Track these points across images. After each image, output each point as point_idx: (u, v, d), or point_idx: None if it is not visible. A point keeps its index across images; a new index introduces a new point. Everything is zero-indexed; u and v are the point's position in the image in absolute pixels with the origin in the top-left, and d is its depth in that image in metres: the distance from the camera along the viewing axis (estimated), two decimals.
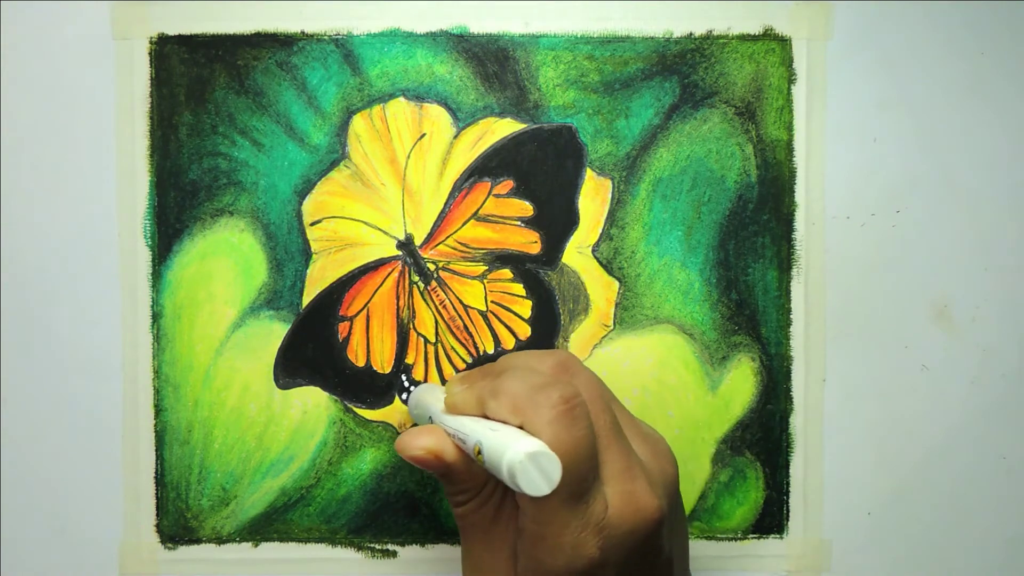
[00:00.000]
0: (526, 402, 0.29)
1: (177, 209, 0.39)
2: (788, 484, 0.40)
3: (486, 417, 0.31)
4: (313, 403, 0.39)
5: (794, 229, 0.40)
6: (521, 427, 0.29)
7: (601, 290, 0.39)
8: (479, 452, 0.28)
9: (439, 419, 0.33)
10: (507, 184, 0.39)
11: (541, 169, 0.39)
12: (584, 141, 0.39)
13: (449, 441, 0.31)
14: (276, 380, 0.39)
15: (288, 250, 0.39)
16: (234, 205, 0.39)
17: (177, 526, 0.39)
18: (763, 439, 0.40)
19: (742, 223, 0.39)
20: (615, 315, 0.39)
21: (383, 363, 0.39)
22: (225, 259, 0.39)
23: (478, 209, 0.39)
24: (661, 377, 0.39)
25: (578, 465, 0.28)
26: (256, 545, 0.39)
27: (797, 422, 0.40)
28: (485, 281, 0.40)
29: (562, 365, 0.32)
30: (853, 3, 0.39)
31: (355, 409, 0.39)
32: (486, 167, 0.39)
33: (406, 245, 0.39)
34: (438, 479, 0.32)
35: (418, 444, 0.31)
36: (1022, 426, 0.40)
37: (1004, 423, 0.40)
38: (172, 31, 0.39)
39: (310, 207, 0.39)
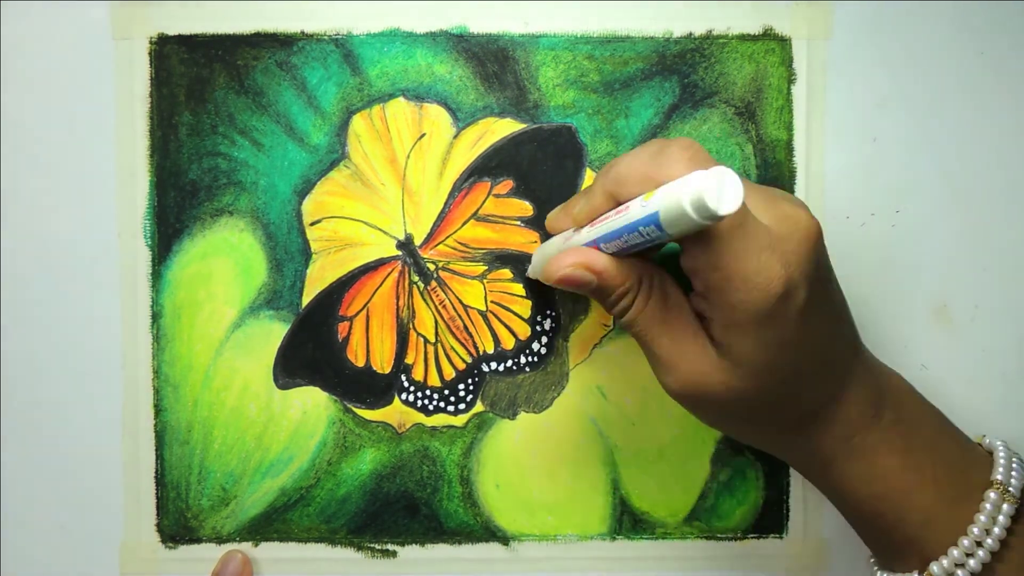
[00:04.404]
0: (653, 167, 0.29)
1: (177, 209, 0.39)
2: (788, 484, 0.40)
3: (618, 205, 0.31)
4: (313, 403, 0.39)
5: None
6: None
7: None
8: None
9: (576, 239, 0.33)
10: (507, 184, 0.39)
11: (541, 169, 0.39)
12: (584, 141, 0.39)
13: (591, 250, 0.31)
14: (276, 380, 0.39)
15: (288, 250, 0.39)
16: (234, 205, 0.39)
17: (177, 525, 0.39)
18: None
19: None
20: None
21: (383, 363, 0.39)
22: (225, 259, 0.39)
23: (478, 209, 0.39)
24: None
25: None
26: (256, 545, 0.40)
27: None
28: (485, 281, 0.40)
29: (657, 139, 0.32)
30: (853, 3, 0.39)
31: (355, 409, 0.39)
32: (486, 167, 0.39)
33: (406, 245, 0.39)
34: (593, 296, 0.32)
35: (566, 263, 0.31)
36: (1022, 426, 0.40)
37: (1004, 423, 0.40)
38: (172, 31, 0.39)
39: (310, 207, 0.39)
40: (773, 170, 0.39)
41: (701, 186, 0.26)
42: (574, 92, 0.39)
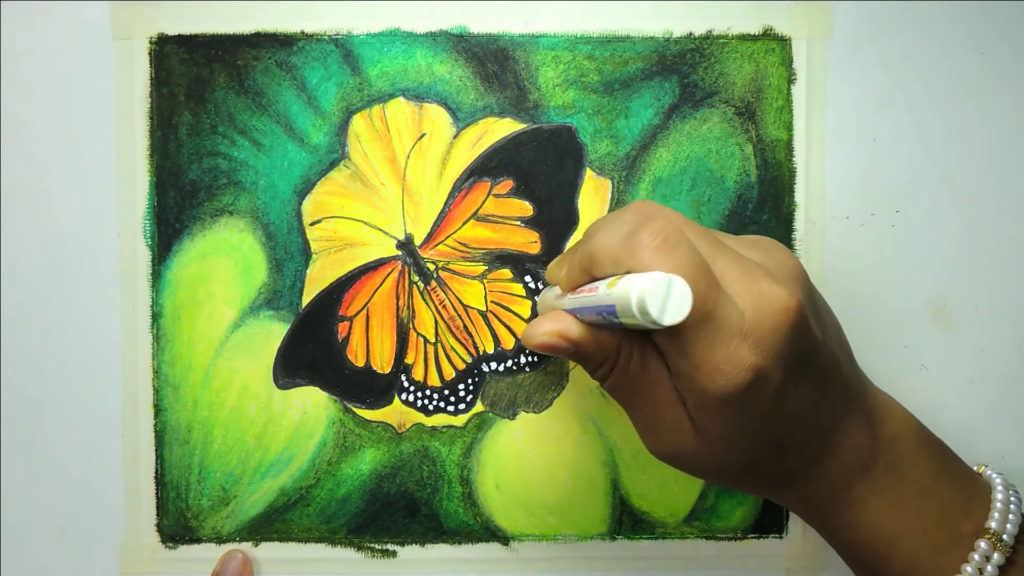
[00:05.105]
0: (622, 252, 0.29)
1: (177, 209, 0.39)
2: None
3: (594, 280, 0.31)
4: (313, 403, 0.39)
5: (794, 229, 0.40)
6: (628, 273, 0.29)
7: None
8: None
9: (560, 305, 0.33)
10: (507, 184, 0.39)
11: (541, 169, 0.39)
12: (584, 141, 0.39)
13: (569, 318, 0.31)
14: (275, 380, 0.39)
15: (288, 250, 0.39)
16: (234, 205, 0.39)
17: (177, 526, 0.39)
18: None
19: (742, 223, 0.39)
20: None
21: (383, 363, 0.39)
22: (225, 259, 0.39)
23: (478, 209, 0.39)
24: None
25: (695, 284, 0.27)
26: (256, 545, 0.40)
27: None
28: (485, 281, 0.40)
29: (638, 210, 0.31)
30: (853, 3, 0.39)
31: (355, 409, 0.39)
32: (486, 167, 0.39)
33: (406, 245, 0.39)
34: (574, 361, 0.32)
35: (541, 331, 0.31)
36: (1021, 426, 0.40)
37: (1003, 423, 0.40)
38: (172, 31, 0.39)
39: (310, 207, 0.39)
40: (773, 170, 0.39)
41: (646, 293, 0.26)
42: (574, 92, 0.39)
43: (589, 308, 0.30)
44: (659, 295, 0.26)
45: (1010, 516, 0.32)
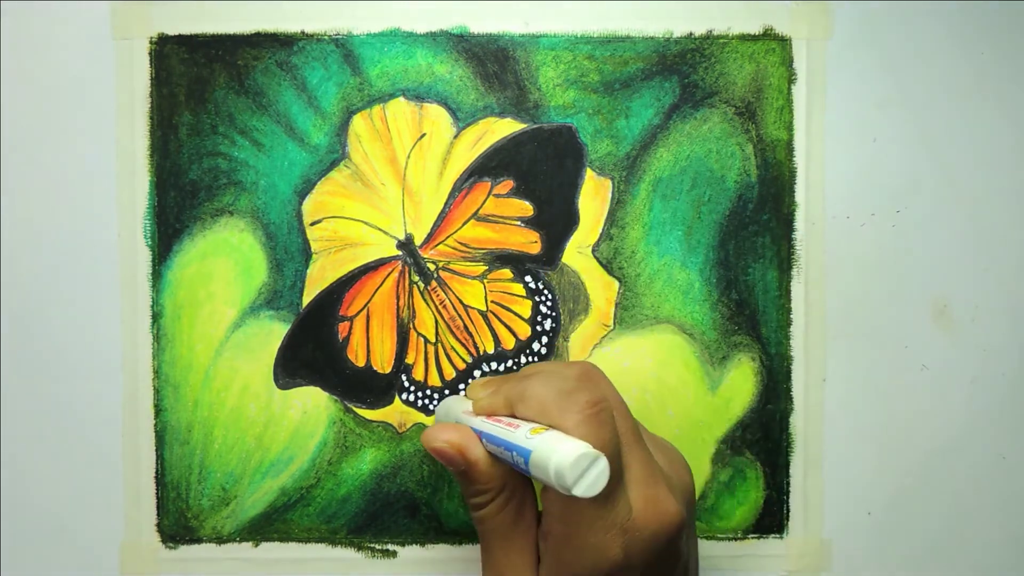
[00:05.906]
0: (553, 405, 0.30)
1: (177, 209, 0.39)
2: (788, 484, 0.40)
3: (514, 418, 0.31)
4: (313, 403, 0.39)
5: (794, 229, 0.40)
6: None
7: (601, 290, 0.39)
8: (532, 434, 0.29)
9: (467, 421, 0.33)
10: (507, 184, 0.39)
11: (541, 169, 0.39)
12: (584, 141, 0.39)
13: (474, 439, 0.32)
14: (276, 380, 0.39)
15: (288, 250, 0.39)
16: (234, 205, 0.39)
17: (178, 526, 0.39)
18: (763, 439, 0.40)
19: (742, 223, 0.39)
20: (615, 315, 0.39)
21: (383, 363, 0.39)
22: (225, 259, 0.39)
23: (478, 209, 0.39)
24: (661, 377, 0.39)
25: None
26: (256, 545, 0.40)
27: (797, 422, 0.40)
28: (485, 281, 0.40)
29: (586, 374, 0.32)
30: (853, 3, 0.39)
31: (355, 409, 0.39)
32: (486, 167, 0.39)
33: (406, 245, 0.39)
34: (457, 478, 0.32)
35: (443, 437, 0.32)
36: (1022, 426, 0.40)
37: (1004, 423, 0.40)
38: (172, 31, 0.39)
39: (310, 207, 0.39)
40: (773, 170, 0.39)
41: (568, 461, 0.26)
42: (574, 92, 0.39)
43: (500, 440, 0.30)
44: (581, 466, 0.26)
45: None
